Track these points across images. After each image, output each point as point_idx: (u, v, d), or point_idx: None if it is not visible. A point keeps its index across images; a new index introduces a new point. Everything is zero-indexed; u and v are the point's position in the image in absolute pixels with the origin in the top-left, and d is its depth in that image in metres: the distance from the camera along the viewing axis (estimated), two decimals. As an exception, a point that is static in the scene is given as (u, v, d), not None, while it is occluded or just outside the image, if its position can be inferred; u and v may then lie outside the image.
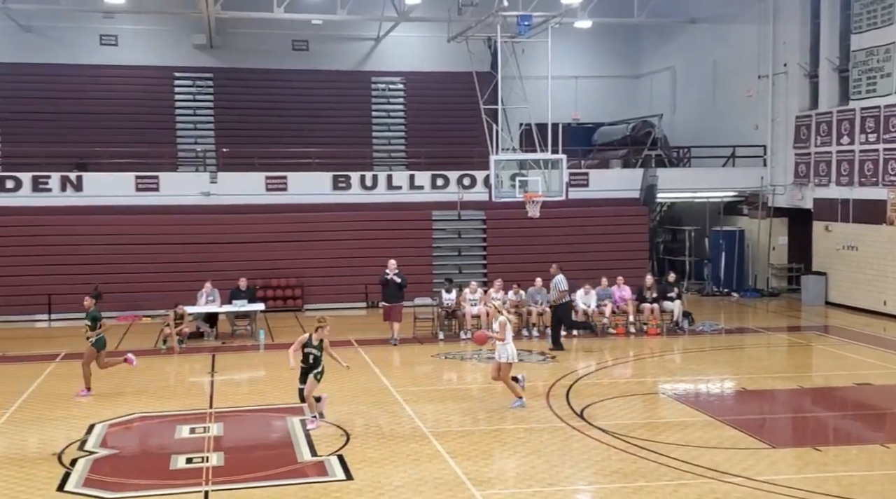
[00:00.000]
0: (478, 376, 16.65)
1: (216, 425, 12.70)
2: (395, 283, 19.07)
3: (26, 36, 29.08)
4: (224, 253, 24.34)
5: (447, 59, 29.82)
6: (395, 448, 11.47)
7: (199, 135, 30.82)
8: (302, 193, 25.90)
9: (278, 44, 30.93)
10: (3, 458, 11.06)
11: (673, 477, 10.29)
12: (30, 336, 21.25)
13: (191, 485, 10.04)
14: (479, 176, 26.27)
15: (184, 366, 17.68)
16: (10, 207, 24.23)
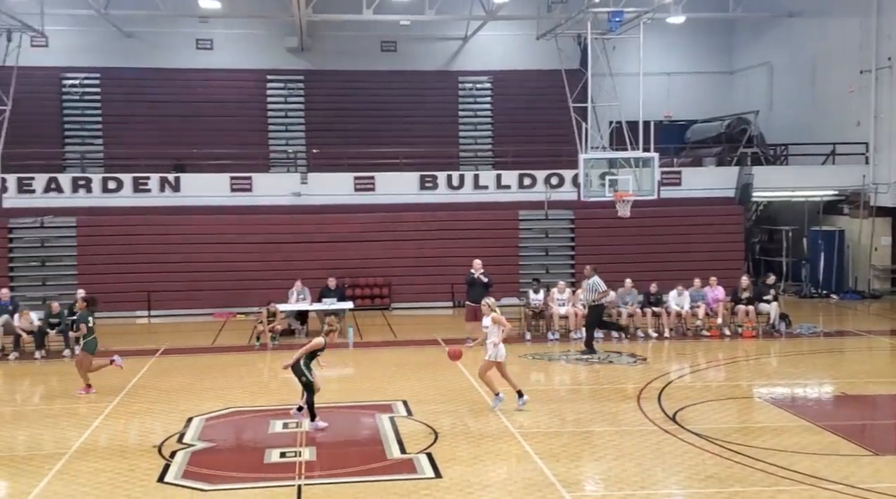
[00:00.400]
0: (565, 378, 16.48)
1: (308, 420, 12.87)
2: (480, 282, 19.02)
3: (127, 41, 30.13)
4: (314, 252, 24.76)
5: (535, 58, 29.68)
6: (484, 448, 11.42)
7: (291, 136, 31.43)
8: (389, 193, 26.14)
9: (367, 45, 31.28)
10: (107, 449, 11.45)
11: (770, 483, 9.97)
12: (130, 332, 21.99)
13: (284, 479, 10.20)
14: (567, 175, 26.03)
15: (276, 362, 17.96)
16: (112, 207, 25.15)
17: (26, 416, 13.85)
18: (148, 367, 17.00)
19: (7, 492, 10.01)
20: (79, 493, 9.74)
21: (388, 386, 15.21)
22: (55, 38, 27.03)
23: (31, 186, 24.97)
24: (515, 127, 31.34)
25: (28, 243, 24.51)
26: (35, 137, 27.82)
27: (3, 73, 21.27)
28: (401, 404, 13.74)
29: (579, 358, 17.62)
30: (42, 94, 29.31)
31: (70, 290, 22.48)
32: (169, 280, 24.41)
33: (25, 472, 10.48)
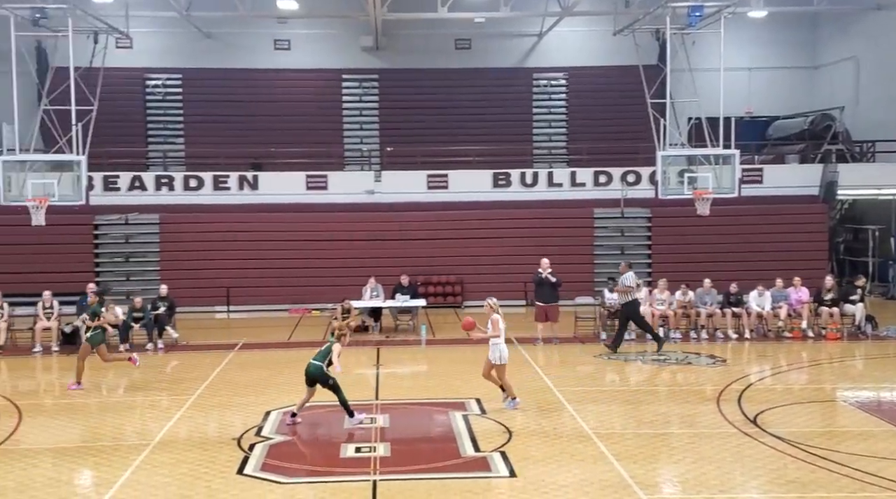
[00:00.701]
0: (642, 378, 16.23)
1: (382, 416, 12.96)
2: (548, 282, 18.84)
3: (207, 42, 30.80)
4: (387, 249, 24.93)
5: (611, 53, 29.30)
6: (559, 448, 11.31)
7: (365, 135, 31.71)
8: (462, 191, 26.17)
9: (441, 43, 31.34)
10: (188, 441, 11.70)
11: (855, 489, 9.64)
12: (210, 327, 22.46)
13: (360, 474, 10.27)
14: (644, 173, 25.66)
15: (350, 358, 18.14)
16: (193, 205, 25.75)
17: (111, 407, 14.26)
18: (227, 361, 17.33)
19: (93, 481, 10.32)
20: (161, 483, 9.97)
21: (460, 384, 15.19)
22: (139, 40, 27.77)
23: (116, 184, 25.73)
24: (591, 124, 31.02)
25: (113, 240, 25.27)
26: (120, 136, 28.66)
27: (90, 74, 21.91)
28: (474, 401, 13.71)
29: (655, 359, 17.34)
30: (127, 94, 30.17)
31: (153, 285, 23.13)
32: (247, 276, 24.88)
33: (111, 462, 10.77)
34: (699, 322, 19.55)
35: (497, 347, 13.18)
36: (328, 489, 9.73)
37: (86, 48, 22.64)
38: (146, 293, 21.29)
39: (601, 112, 31.18)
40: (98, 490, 9.82)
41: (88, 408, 14.05)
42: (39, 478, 10.19)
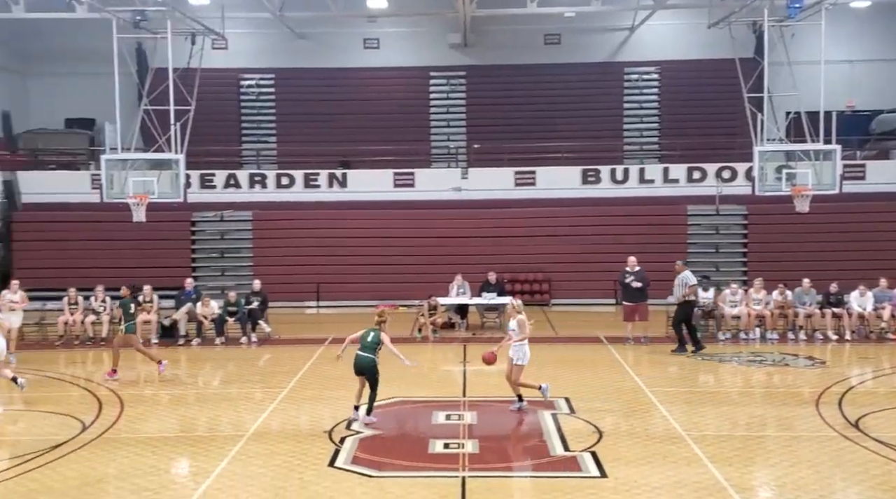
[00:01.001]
0: (737, 380, 15.80)
1: (470, 413, 12.94)
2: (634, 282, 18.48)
3: (299, 42, 31.35)
4: (474, 246, 24.93)
5: (706, 47, 28.65)
6: (650, 449, 11.09)
7: (452, 132, 31.79)
8: (550, 188, 26.00)
9: (530, 39, 31.17)
10: (281, 433, 11.92)
11: (966, 499, 9.16)
12: (301, 321, 22.87)
13: (449, 469, 10.27)
14: (740, 169, 25.03)
15: (437, 354, 18.23)
16: (284, 202, 26.27)
17: (207, 399, 14.63)
18: (317, 355, 17.58)
19: (191, 470, 10.60)
20: (256, 474, 10.16)
21: (549, 382, 15.00)
22: (234, 41, 28.45)
23: (212, 182, 26.44)
24: (684, 119, 30.41)
25: (209, 236, 25.99)
26: (216, 135, 29.45)
27: (188, 74, 22.56)
28: (563, 401, 13.56)
29: (752, 360, 16.86)
30: (222, 94, 30.97)
31: (246, 280, 23.66)
32: (336, 272, 25.25)
33: (208, 452, 11.04)
34: (797, 323, 18.95)
35: (522, 347, 12.93)
36: (417, 484, 9.75)
37: (184, 49, 23.31)
38: (240, 288, 21.81)
39: (695, 107, 30.54)
40: (196, 479, 10.07)
41: (186, 399, 14.46)
42: (140, 466, 10.52)
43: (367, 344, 12.20)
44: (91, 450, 11.14)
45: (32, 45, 31.89)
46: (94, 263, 24.43)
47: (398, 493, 9.49)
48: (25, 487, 9.73)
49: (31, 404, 13.93)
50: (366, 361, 12.17)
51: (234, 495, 9.47)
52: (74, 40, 29.72)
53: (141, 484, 9.83)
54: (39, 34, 31.08)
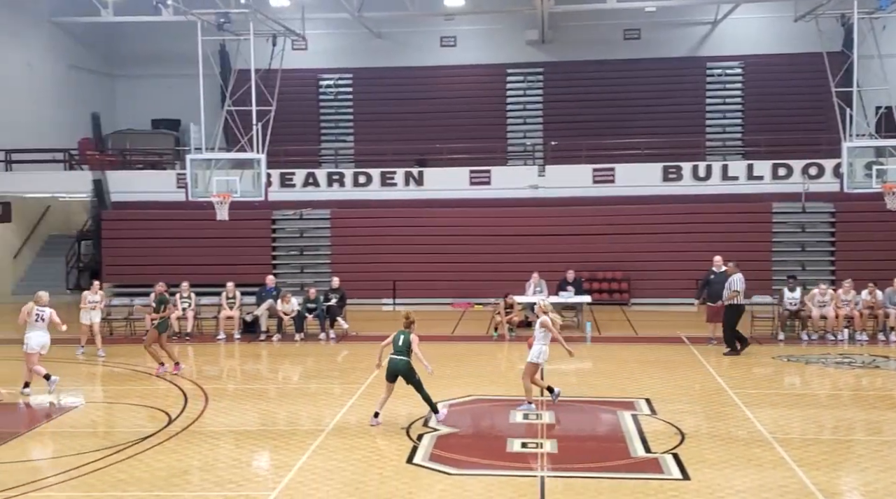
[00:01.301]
0: (825, 382, 15.32)
1: (548, 412, 12.84)
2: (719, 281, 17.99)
3: (377, 42, 31.62)
4: (551, 245, 24.73)
5: (792, 41, 27.89)
6: (734, 451, 10.83)
7: (528, 129, 31.66)
8: (630, 185, 25.61)
9: (609, 34, 30.82)
10: (360, 429, 12.02)
11: None
12: (377, 318, 23.03)
13: (527, 469, 10.21)
14: (827, 165, 24.26)
15: (514, 353, 18.15)
16: (362, 200, 26.50)
17: (287, 394, 14.88)
18: (395, 352, 17.66)
19: (272, 463, 10.78)
20: (336, 468, 10.28)
21: (629, 383, 14.85)
22: (313, 42, 28.84)
23: (291, 181, 26.85)
24: (769, 114, 29.67)
25: (289, 234, 26.41)
26: (295, 134, 29.94)
27: (269, 75, 22.96)
28: (643, 401, 13.35)
29: (840, 362, 16.34)
30: (301, 94, 31.45)
31: (325, 277, 23.99)
32: (412, 270, 25.38)
33: (289, 445, 11.22)
34: (888, 324, 18.26)
35: (540, 347, 12.75)
36: (496, 483, 9.72)
37: (265, 51, 23.73)
38: (318, 285, 22.09)
39: (780, 102, 29.75)
40: (278, 472, 10.23)
41: (267, 394, 14.72)
42: (223, 458, 10.75)
43: (400, 347, 12.03)
44: (177, 442, 11.43)
45: (120, 48, 32.97)
46: (179, 260, 25.09)
47: (477, 491, 9.47)
48: (115, 477, 10.03)
49: (120, 397, 14.37)
50: (401, 364, 12.00)
51: (315, 488, 9.59)
52: (160, 43, 30.60)
53: (225, 476, 10.04)
54: (127, 37, 32.12)
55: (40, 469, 10.29)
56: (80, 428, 12.36)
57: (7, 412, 13.56)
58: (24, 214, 28.70)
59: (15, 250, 28.31)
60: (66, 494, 9.51)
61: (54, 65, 30.31)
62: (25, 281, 27.99)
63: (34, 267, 28.72)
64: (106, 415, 13.51)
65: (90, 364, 17.01)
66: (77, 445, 11.28)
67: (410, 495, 9.34)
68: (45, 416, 13.12)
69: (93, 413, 13.59)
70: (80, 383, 15.72)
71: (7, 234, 28.05)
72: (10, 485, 9.67)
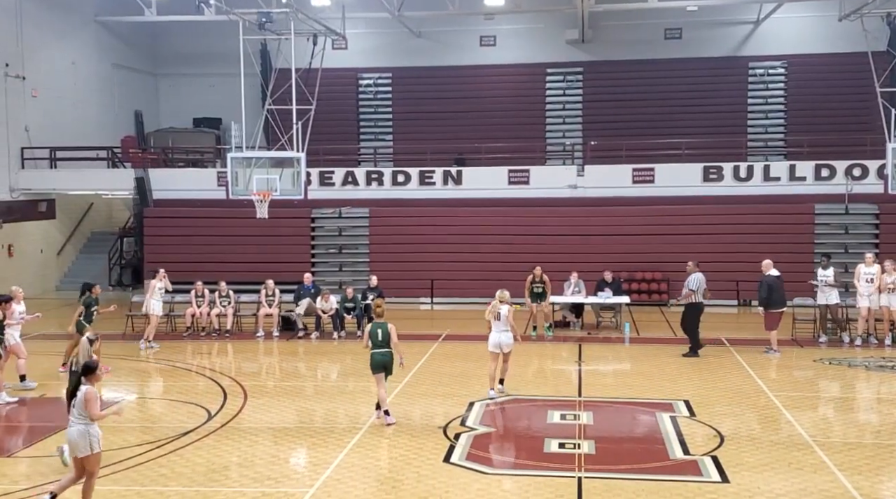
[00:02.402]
0: (867, 385, 15.08)
1: (586, 413, 12.80)
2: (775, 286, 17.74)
3: (417, 41, 31.68)
4: (590, 245, 24.59)
5: (836, 40, 27.48)
6: (774, 455, 10.71)
7: (568, 129, 31.50)
8: (670, 185, 25.37)
9: (650, 33, 30.57)
10: (397, 427, 12.05)
11: None
12: (415, 317, 23.10)
13: (564, 469, 10.18)
14: (871, 166, 23.85)
15: (552, 353, 18.10)
16: (400, 199, 26.56)
17: (325, 391, 14.98)
18: (431, 351, 17.74)
19: (311, 460, 10.86)
20: (374, 466, 10.34)
21: (668, 384, 14.73)
22: (353, 41, 28.95)
23: (331, 179, 26.99)
24: (812, 114, 29.25)
25: (327, 232, 26.55)
26: (335, 133, 30.09)
27: (309, 75, 23.11)
28: (682, 403, 13.25)
29: (883, 365, 16.06)
30: (341, 93, 31.60)
31: (363, 276, 24.09)
32: (450, 269, 25.36)
33: (327, 443, 11.30)
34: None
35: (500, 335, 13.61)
36: (533, 483, 9.71)
37: (305, 50, 23.89)
38: (357, 283, 22.18)
39: (823, 102, 29.31)
40: (316, 469, 10.31)
41: (305, 391, 14.84)
42: (261, 455, 10.86)
43: (381, 341, 12.09)
44: (216, 438, 11.57)
45: (163, 47, 33.42)
46: (219, 257, 25.35)
47: (513, 490, 9.47)
48: (156, 471, 10.19)
49: (162, 393, 14.58)
50: (389, 357, 12.14)
51: (353, 485, 9.65)
52: (203, 42, 30.96)
53: (263, 472, 10.14)
54: (170, 37, 32.55)
55: (84, 462, 10.45)
56: (121, 423, 12.54)
57: (48, 406, 13.83)
58: (68, 210, 29.21)
59: (59, 247, 28.82)
60: (108, 487, 9.66)
61: (98, 64, 30.81)
62: (69, 277, 28.48)
63: (77, 263, 29.22)
64: (147, 411, 13.70)
65: (131, 361, 17.25)
66: (119, 440, 11.46)
67: (447, 494, 9.36)
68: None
69: (134, 409, 13.79)
70: (122, 378, 15.96)
71: (51, 230, 28.56)
72: (52, 478, 9.85)
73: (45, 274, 27.83)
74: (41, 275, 27.39)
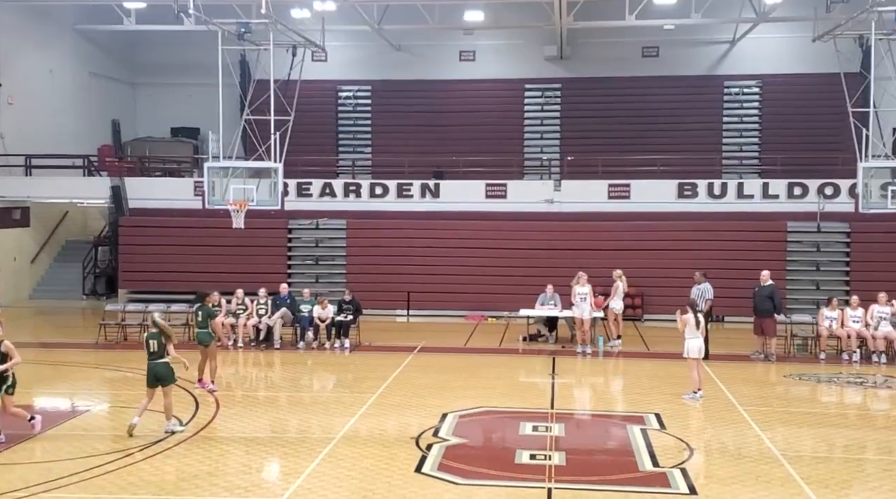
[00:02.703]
0: (836, 400, 15.27)
1: (557, 425, 12.86)
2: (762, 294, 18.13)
3: (397, 55, 31.82)
4: (566, 259, 24.63)
5: (809, 60, 27.93)
6: (743, 468, 10.81)
7: (545, 144, 31.76)
8: (645, 201, 25.59)
9: (628, 51, 30.91)
10: (369, 438, 12.08)
11: None
12: (391, 329, 23.12)
13: (534, 480, 10.22)
14: (843, 185, 24.19)
15: (526, 366, 18.18)
16: (378, 212, 26.59)
17: (298, 402, 14.95)
18: (406, 363, 17.76)
19: (281, 470, 10.85)
20: (344, 476, 10.33)
21: (639, 398, 14.84)
22: (333, 53, 28.97)
23: (308, 190, 26.99)
24: (785, 133, 29.65)
25: (304, 243, 26.52)
26: (313, 145, 30.11)
27: (288, 86, 23.13)
28: (653, 416, 13.34)
29: (852, 381, 16.26)
30: (320, 105, 31.63)
31: (339, 287, 24.07)
32: (427, 281, 25.42)
33: (298, 453, 11.28)
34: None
35: None
36: (503, 494, 9.75)
37: (285, 61, 23.91)
38: (333, 295, 22.14)
39: (797, 121, 29.74)
40: (287, 479, 10.30)
41: (278, 401, 14.81)
42: (232, 464, 10.83)
43: (157, 351, 12.12)
44: (187, 447, 11.52)
45: (142, 56, 33.33)
46: (195, 267, 25.24)
47: (484, 501, 9.50)
48: (125, 480, 10.13)
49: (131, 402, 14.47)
50: (164, 369, 12.14)
51: (323, 495, 9.65)
52: (181, 52, 30.92)
53: (234, 481, 10.11)
54: (149, 46, 32.48)
55: (52, 470, 10.39)
56: (91, 431, 12.48)
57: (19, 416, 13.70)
58: (43, 219, 28.99)
59: (33, 255, 28.57)
60: (77, 495, 9.61)
61: (76, 72, 30.68)
62: (42, 286, 28.25)
63: (51, 272, 28.98)
64: (117, 419, 13.60)
65: (104, 370, 17.14)
66: (88, 448, 11.40)
67: (418, 504, 9.39)
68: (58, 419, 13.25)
69: (104, 417, 13.70)
70: (92, 387, 15.85)
71: (25, 238, 28.32)
72: (20, 486, 9.78)
73: (17, 282, 27.57)
74: (14, 283, 27.14)
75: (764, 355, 18.17)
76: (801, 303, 22.96)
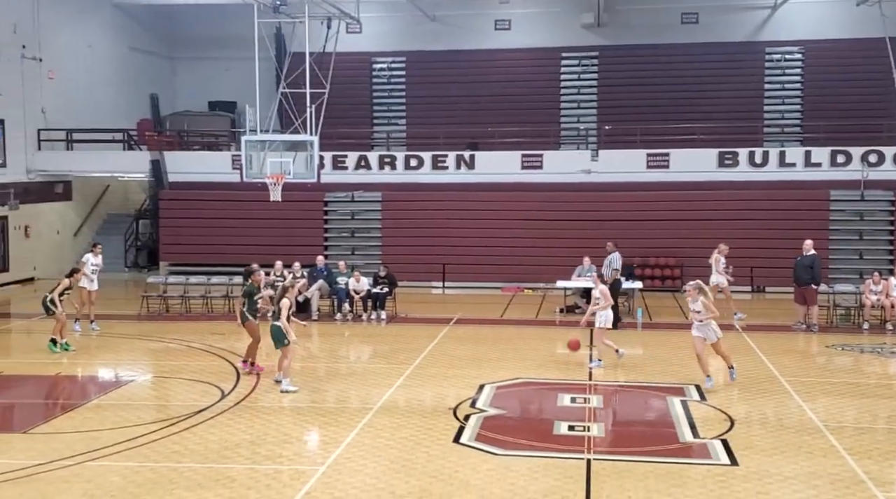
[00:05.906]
0: (879, 371, 15.04)
1: (596, 397, 12.83)
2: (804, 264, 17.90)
3: (431, 25, 31.60)
4: (603, 230, 24.45)
5: (854, 25, 27.30)
6: (784, 439, 10.72)
7: (582, 113, 31.40)
8: (685, 170, 25.26)
9: (666, 18, 30.42)
10: (407, 408, 12.15)
11: None
12: (427, 301, 23.16)
13: (573, 451, 10.23)
14: (888, 152, 23.69)
15: (562, 338, 18.11)
16: (413, 183, 26.57)
17: (336, 373, 15.07)
18: (443, 334, 17.80)
19: (322, 439, 10.96)
20: (384, 446, 10.42)
21: (679, 369, 14.73)
22: (367, 25, 28.93)
23: (343, 163, 27.03)
24: (828, 100, 29.03)
25: (340, 215, 26.62)
26: (348, 117, 30.11)
27: (323, 59, 23.12)
28: (693, 387, 13.26)
29: (894, 351, 16.01)
30: (355, 77, 31.54)
31: (375, 259, 24.15)
32: (462, 253, 25.40)
33: (338, 422, 11.39)
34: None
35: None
36: (542, 464, 9.76)
37: (320, 34, 23.90)
38: (369, 267, 22.21)
39: (840, 88, 29.10)
40: (326, 448, 10.41)
41: (316, 372, 14.92)
42: (275, 433, 10.96)
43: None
44: (230, 416, 11.68)
45: (179, 30, 33.46)
46: (233, 239, 25.50)
47: (522, 472, 9.52)
48: (170, 448, 10.30)
49: (175, 372, 14.70)
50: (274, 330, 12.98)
51: (363, 464, 9.74)
52: (218, 26, 30.97)
53: (276, 450, 10.25)
54: (186, 20, 32.58)
55: (98, 439, 10.60)
56: (136, 401, 12.71)
57: (67, 384, 14.02)
58: (84, 193, 29.42)
59: (76, 228, 29.03)
60: (122, 463, 9.79)
61: (114, 47, 30.92)
62: (85, 258, 28.68)
63: (94, 245, 29.43)
64: (161, 389, 13.84)
65: (147, 341, 17.40)
66: (133, 417, 11.61)
67: (456, 474, 9.43)
68: (103, 388, 13.50)
69: (148, 387, 13.94)
70: (136, 358, 16.12)
71: (68, 212, 28.77)
72: (67, 454, 9.99)
73: (61, 255, 28.00)
74: (57, 256, 27.59)
75: (806, 326, 17.97)
76: (843, 272, 22.61)
